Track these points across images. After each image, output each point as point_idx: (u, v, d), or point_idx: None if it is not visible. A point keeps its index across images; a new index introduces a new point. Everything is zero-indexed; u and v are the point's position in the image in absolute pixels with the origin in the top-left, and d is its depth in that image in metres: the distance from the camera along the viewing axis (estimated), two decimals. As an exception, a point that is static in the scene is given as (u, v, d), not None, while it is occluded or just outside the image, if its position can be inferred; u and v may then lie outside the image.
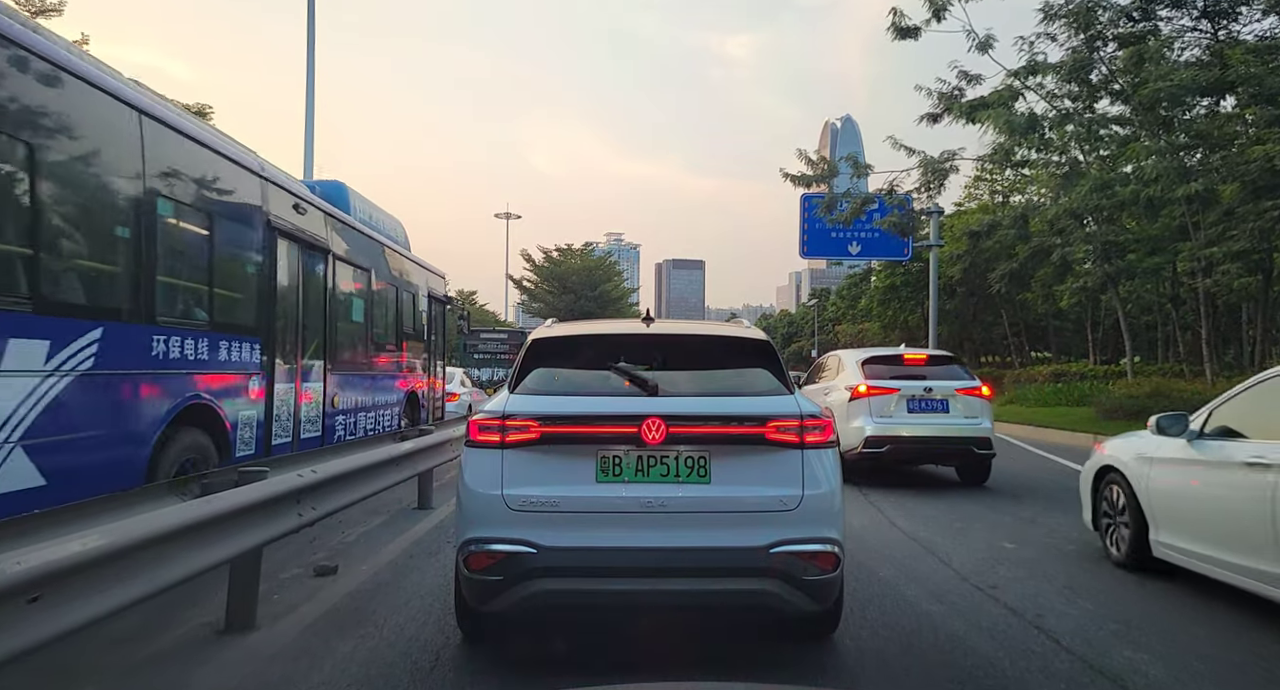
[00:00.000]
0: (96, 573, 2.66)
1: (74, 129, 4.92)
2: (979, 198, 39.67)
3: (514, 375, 4.04)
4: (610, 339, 4.43)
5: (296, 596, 4.98)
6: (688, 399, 3.82)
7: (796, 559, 3.48)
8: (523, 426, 3.62)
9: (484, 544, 3.51)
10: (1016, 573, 5.76)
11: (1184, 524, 5.08)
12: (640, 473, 3.57)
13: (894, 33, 21.46)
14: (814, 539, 3.53)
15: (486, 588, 3.54)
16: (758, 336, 4.37)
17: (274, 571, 5.48)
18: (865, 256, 34.16)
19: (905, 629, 4.43)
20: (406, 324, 11.85)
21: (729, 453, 3.62)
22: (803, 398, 3.89)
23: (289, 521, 4.25)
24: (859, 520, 7.89)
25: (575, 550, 3.47)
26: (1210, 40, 17.88)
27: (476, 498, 3.62)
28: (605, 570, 3.49)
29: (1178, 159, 17.36)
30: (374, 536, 6.88)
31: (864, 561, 6.00)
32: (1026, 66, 17.99)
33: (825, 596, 3.63)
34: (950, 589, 5.31)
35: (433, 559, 6.08)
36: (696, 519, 3.54)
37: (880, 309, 48.85)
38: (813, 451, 3.64)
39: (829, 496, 3.64)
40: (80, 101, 4.96)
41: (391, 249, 11.32)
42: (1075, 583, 5.47)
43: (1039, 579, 5.58)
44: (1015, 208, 25.12)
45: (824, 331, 75.93)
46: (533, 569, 3.45)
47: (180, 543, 3.14)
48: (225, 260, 6.71)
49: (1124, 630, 4.43)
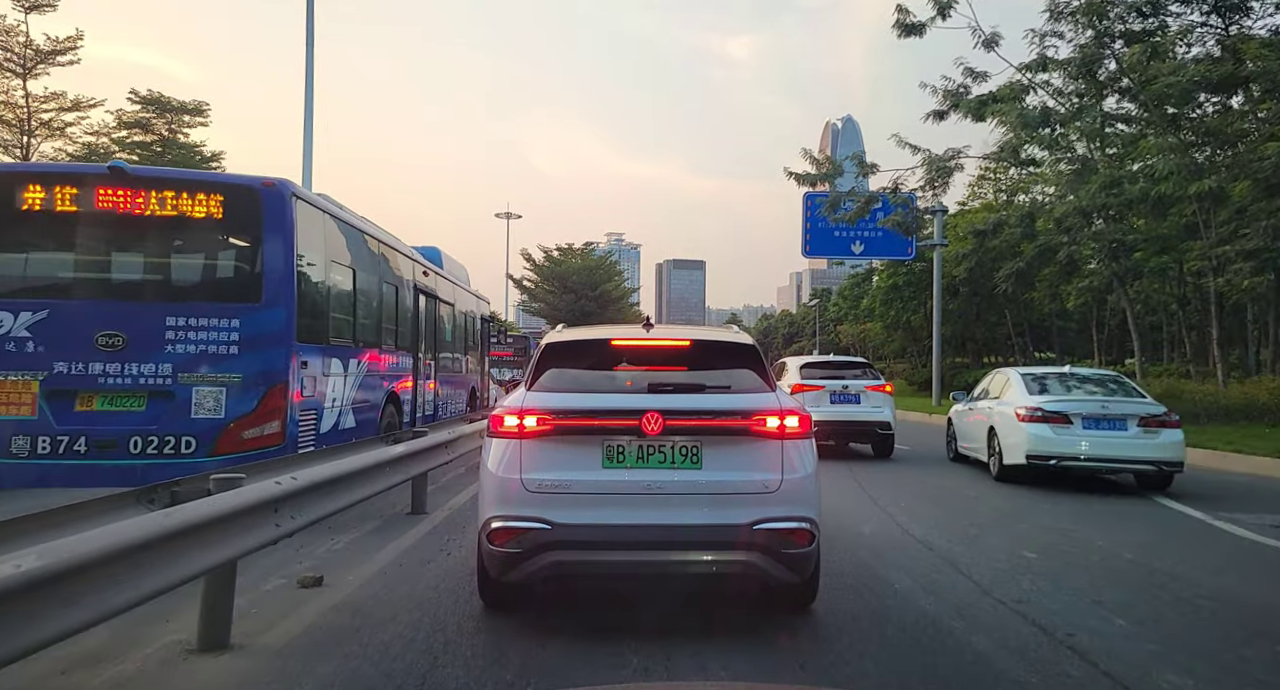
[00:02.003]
0: (31, 597, 2.35)
1: (358, 256, 9.38)
2: (983, 197, 39.38)
3: (530, 374, 4.57)
4: (614, 342, 4.90)
5: (277, 611, 4.67)
6: (682, 396, 4.33)
7: (776, 535, 3.94)
8: (538, 419, 4.10)
9: (505, 521, 3.99)
10: (1040, 585, 5.45)
11: (964, 438, 12.74)
12: (641, 460, 4.05)
13: (899, 30, 21.17)
14: (792, 517, 3.98)
15: (507, 559, 4.01)
16: (745, 341, 4.92)
17: (255, 583, 5.18)
18: (868, 256, 33.90)
19: (926, 646, 4.13)
20: (470, 339, 16.16)
21: (718, 442, 4.11)
22: (784, 394, 4.43)
23: (264, 533, 3.94)
24: (869, 526, 7.59)
25: (584, 526, 3.93)
26: (1221, 35, 17.56)
27: (498, 481, 4.10)
28: (610, 544, 3.96)
29: (1188, 156, 17.04)
30: (364, 544, 6.57)
31: (880, 572, 5.70)
32: (1037, 61, 17.67)
33: (802, 568, 4.11)
34: (972, 603, 5.00)
35: (424, 569, 5.77)
36: (689, 500, 4.01)
37: (883, 309, 48.51)
38: (791, 441, 4.12)
39: (806, 480, 4.10)
40: (355, 241, 9.36)
41: (462, 288, 15.48)
42: (1105, 598, 5.16)
43: (1066, 593, 5.27)
44: (1021, 206, 24.79)
45: (825, 332, 75.60)
46: (547, 542, 3.92)
47: (134, 562, 2.82)
48: (399, 309, 10.91)
49: (1163, 651, 4.12)
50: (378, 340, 9.97)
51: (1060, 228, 21.59)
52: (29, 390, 6.71)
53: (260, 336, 7.04)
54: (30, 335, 6.77)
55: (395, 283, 10.67)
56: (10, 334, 6.75)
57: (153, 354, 6.84)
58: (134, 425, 6.75)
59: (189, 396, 6.83)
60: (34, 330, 6.78)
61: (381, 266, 10.20)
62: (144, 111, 35.91)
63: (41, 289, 7.09)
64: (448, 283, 14.01)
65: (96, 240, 7.28)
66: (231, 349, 6.95)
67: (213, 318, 6.96)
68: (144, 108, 35.81)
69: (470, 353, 16.06)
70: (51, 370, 6.75)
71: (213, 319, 6.95)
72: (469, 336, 15.91)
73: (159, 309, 6.96)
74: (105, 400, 6.81)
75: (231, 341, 6.95)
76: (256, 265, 7.19)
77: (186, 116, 36.94)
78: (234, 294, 7.21)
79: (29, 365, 6.75)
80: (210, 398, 6.88)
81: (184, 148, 37.08)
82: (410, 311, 11.34)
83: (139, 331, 6.85)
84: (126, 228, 7.20)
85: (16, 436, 6.65)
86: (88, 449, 6.68)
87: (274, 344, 7.10)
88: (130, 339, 6.83)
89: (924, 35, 20.86)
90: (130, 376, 6.82)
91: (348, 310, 8.87)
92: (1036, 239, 22.85)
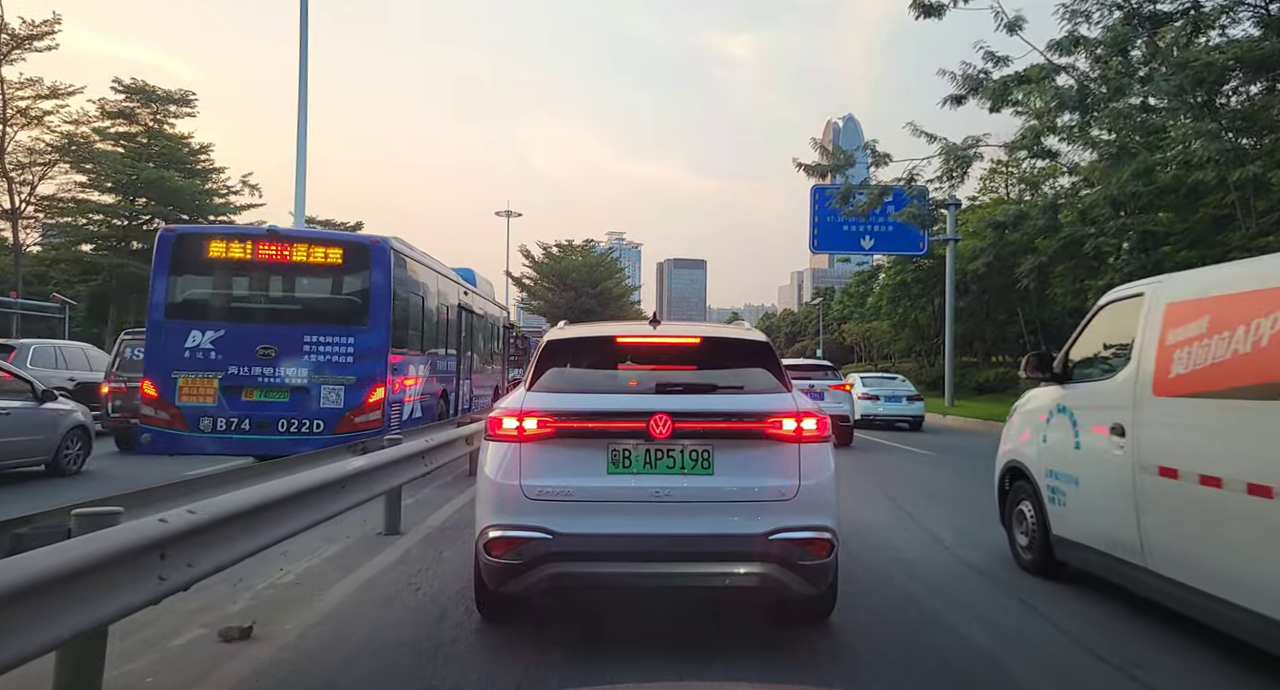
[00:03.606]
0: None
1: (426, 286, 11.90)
2: (994, 191, 38.30)
3: (530, 374, 4.29)
4: (619, 340, 4.64)
5: (181, 678, 3.61)
6: (692, 397, 4.06)
7: (793, 545, 3.69)
8: (539, 422, 3.83)
9: (504, 530, 3.72)
10: (1130, 631, 4.38)
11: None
12: (648, 465, 3.80)
13: (917, 11, 20.03)
14: (810, 526, 3.73)
15: (506, 571, 3.75)
16: (758, 338, 4.63)
17: (166, 634, 4.13)
18: (878, 251, 32.83)
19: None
20: (495, 344, 18.87)
21: (730, 446, 3.85)
22: (799, 395, 4.09)
23: (140, 590, 2.87)
24: (914, 552, 6.54)
25: (588, 536, 3.68)
26: (1263, 14, 16.50)
27: (496, 487, 3.83)
28: (615, 555, 3.71)
29: (1229, 140, 15.96)
30: (318, 576, 5.49)
31: (937, 609, 4.63)
32: (1068, 37, 16.56)
33: (820, 580, 3.86)
34: (1066, 661, 3.94)
35: (386, 610, 4.72)
36: (700, 508, 3.75)
37: (890, 307, 47.32)
38: (808, 445, 3.85)
39: (824, 487, 3.84)
40: (424, 274, 11.80)
41: (490, 300, 18.77)
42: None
43: (1170, 652, 4.20)
44: (1044, 197, 23.70)
45: (829, 331, 74.49)
46: (549, 554, 3.67)
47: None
48: (449, 324, 13.59)
49: None
50: (437, 349, 12.78)
51: (1085, 219, 20.53)
52: (211, 386, 9.32)
53: (367, 350, 9.66)
54: (213, 347, 9.38)
55: (447, 303, 13.40)
56: (200, 346, 9.37)
57: (294, 361, 9.44)
58: (281, 411, 9.40)
59: (319, 392, 9.44)
60: (215, 344, 9.40)
61: (439, 291, 12.84)
62: (128, 101, 34.76)
63: (221, 314, 9.70)
64: (481, 299, 17.09)
65: (257, 280, 10.18)
66: (348, 358, 9.56)
67: (335, 336, 9.60)
68: (128, 97, 34.65)
69: (496, 356, 19.05)
70: (227, 372, 9.34)
71: (335, 337, 9.59)
72: (494, 342, 18.89)
73: (299, 329, 9.59)
74: (262, 393, 9.42)
75: (348, 353, 9.57)
76: (365, 299, 9.87)
77: (173, 106, 35.78)
78: (349, 319, 9.84)
79: (212, 368, 9.35)
80: (333, 393, 9.48)
81: (170, 139, 35.97)
82: (456, 325, 14.12)
83: (285, 345, 9.45)
84: (277, 272, 10.04)
85: (203, 418, 9.28)
86: (251, 427, 9.32)
87: (376, 355, 9.72)
88: (280, 350, 9.42)
89: (943, 17, 19.77)
90: (279, 377, 9.42)
91: (419, 327, 11.62)
92: (1061, 231, 21.77)
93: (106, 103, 34.05)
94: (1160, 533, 4.29)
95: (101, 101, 33.96)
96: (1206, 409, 4.06)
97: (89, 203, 34.82)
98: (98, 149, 33.78)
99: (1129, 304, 5.09)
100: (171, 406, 9.21)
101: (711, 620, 4.57)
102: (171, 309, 9.62)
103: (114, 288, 34.92)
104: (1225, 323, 3.96)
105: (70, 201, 34.17)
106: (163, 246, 9.76)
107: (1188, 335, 4.23)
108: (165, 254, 9.69)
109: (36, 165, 32.54)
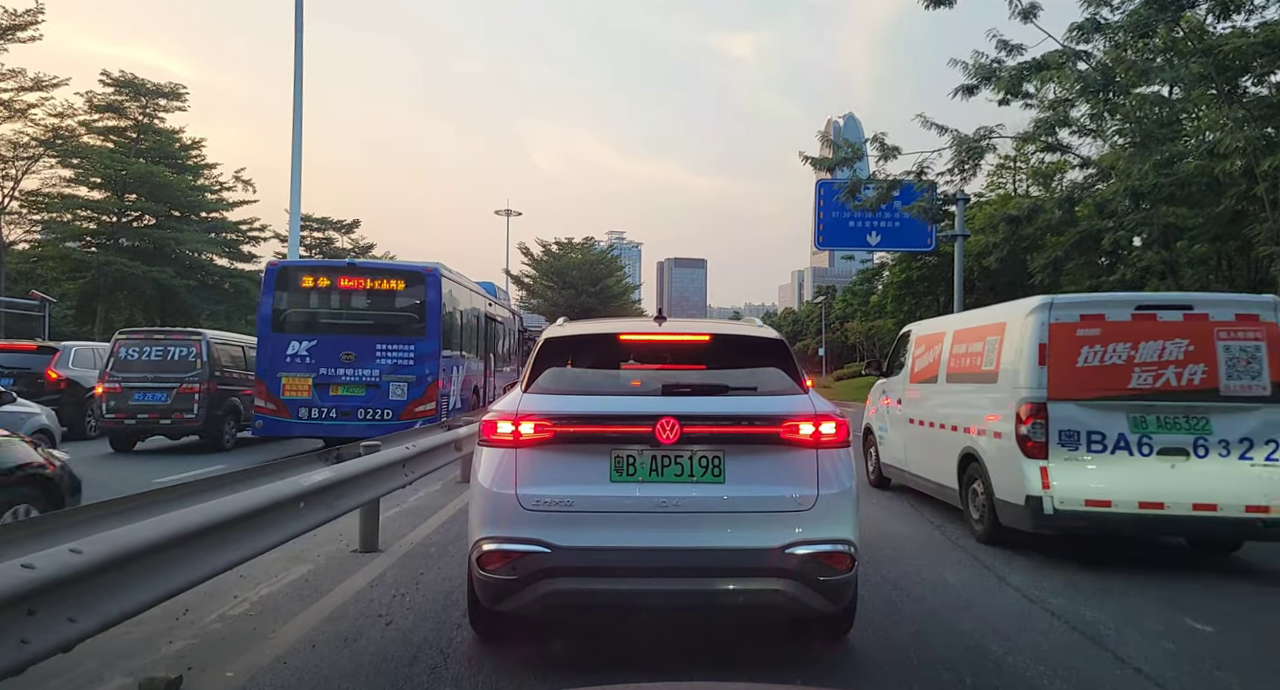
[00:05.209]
0: None
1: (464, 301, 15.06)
2: (1002, 186, 37.58)
3: (527, 373, 4.00)
4: (622, 338, 4.37)
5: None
6: (702, 398, 3.81)
7: (811, 559, 3.45)
8: (536, 426, 3.59)
9: (498, 543, 3.49)
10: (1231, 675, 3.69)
11: None
12: (654, 473, 3.55)
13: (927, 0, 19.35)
14: (829, 540, 3.49)
15: (500, 587, 3.51)
16: (771, 335, 4.31)
17: (79, 685, 3.42)
18: (885, 247, 31.94)
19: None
20: (511, 344, 21.32)
21: (743, 452, 3.60)
22: (817, 397, 3.83)
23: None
24: (954, 573, 5.84)
25: (589, 550, 3.45)
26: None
27: (491, 497, 3.58)
28: (619, 570, 3.46)
29: (1259, 129, 15.24)
30: (275, 606, 4.78)
31: (992, 650, 3.93)
32: (1090, 20, 15.83)
33: (840, 597, 3.61)
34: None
35: (346, 652, 4.01)
36: (711, 519, 3.52)
37: (894, 305, 46.54)
38: (827, 451, 3.61)
39: (844, 496, 3.60)
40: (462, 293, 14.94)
41: (506, 307, 22.35)
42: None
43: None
44: (1057, 191, 22.99)
45: (831, 330, 73.74)
46: (547, 569, 3.43)
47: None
48: (479, 330, 16.38)
49: None
50: (472, 352, 15.61)
51: (1103, 212, 19.81)
52: (307, 383, 11.96)
53: (424, 355, 12.28)
54: (308, 354, 12.03)
55: (477, 314, 16.22)
56: (299, 353, 12.01)
57: (369, 364, 12.08)
58: (359, 403, 12.01)
59: (388, 388, 12.04)
60: (309, 352, 12.04)
61: (471, 305, 15.69)
62: (117, 94, 33.93)
63: (313, 328, 12.34)
64: (501, 308, 20.45)
65: (339, 302, 12.77)
66: (410, 361, 12.17)
67: (400, 345, 12.20)
68: (117, 90, 33.82)
69: (513, 355, 21.51)
70: (318, 373, 11.99)
71: (400, 345, 12.20)
72: (510, 342, 21.51)
73: (372, 339, 12.20)
74: (345, 389, 12.02)
75: (409, 357, 12.19)
76: (421, 315, 12.50)
77: (163, 100, 34.92)
78: (410, 331, 12.39)
79: (307, 370, 12.00)
80: (399, 388, 12.06)
81: (161, 134, 35.17)
82: (483, 331, 16.86)
83: (362, 352, 12.09)
84: (355, 295, 12.75)
85: (301, 408, 11.93)
86: (336, 415, 11.97)
87: (431, 359, 12.33)
88: (358, 356, 12.06)
89: (954, 5, 19.11)
90: (357, 377, 12.05)
91: (459, 335, 14.34)
92: (1078, 224, 21.04)
93: (94, 96, 33.18)
94: (911, 450, 8.73)
95: (89, 94, 33.10)
96: (922, 388, 8.57)
97: (76, 198, 34.00)
98: (85, 143, 32.99)
99: (906, 333, 9.60)
100: (277, 399, 11.95)
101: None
102: (276, 324, 12.28)
103: (103, 286, 34.15)
104: (928, 346, 8.57)
105: (56, 197, 33.34)
106: (269, 277, 12.62)
107: (920, 352, 8.82)
108: (270, 282, 12.47)
109: (20, 159, 31.76)
